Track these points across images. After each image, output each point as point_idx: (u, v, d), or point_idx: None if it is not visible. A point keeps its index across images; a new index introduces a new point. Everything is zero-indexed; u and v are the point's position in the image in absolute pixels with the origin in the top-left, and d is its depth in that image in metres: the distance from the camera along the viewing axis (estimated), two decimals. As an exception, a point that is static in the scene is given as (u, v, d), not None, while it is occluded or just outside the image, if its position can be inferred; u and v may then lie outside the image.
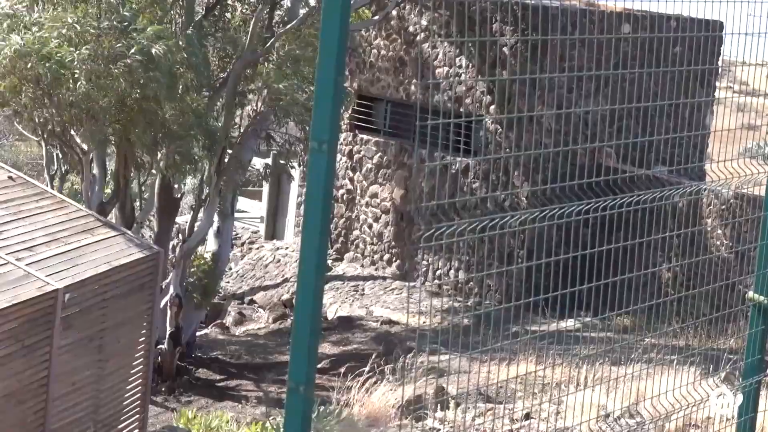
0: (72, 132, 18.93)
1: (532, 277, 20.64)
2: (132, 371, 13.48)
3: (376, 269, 25.26)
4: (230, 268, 26.33)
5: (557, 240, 18.21)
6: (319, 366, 14.03)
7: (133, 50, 16.79)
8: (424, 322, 18.53)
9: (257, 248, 27.91)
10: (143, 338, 13.66)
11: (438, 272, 23.99)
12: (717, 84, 25.37)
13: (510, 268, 21.14)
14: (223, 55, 20.67)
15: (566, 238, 18.50)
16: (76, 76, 16.92)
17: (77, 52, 16.76)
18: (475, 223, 4.84)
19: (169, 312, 19.67)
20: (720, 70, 24.67)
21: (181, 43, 17.95)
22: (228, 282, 26.04)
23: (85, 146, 19.06)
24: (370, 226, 25.42)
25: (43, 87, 17.15)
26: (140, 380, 13.62)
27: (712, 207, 20.48)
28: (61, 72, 16.86)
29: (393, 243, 24.90)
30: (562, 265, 6.07)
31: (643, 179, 17.32)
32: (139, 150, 18.72)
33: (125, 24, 17.24)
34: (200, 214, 20.60)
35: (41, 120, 18.17)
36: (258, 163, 27.72)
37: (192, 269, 20.68)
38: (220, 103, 20.09)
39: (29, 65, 16.80)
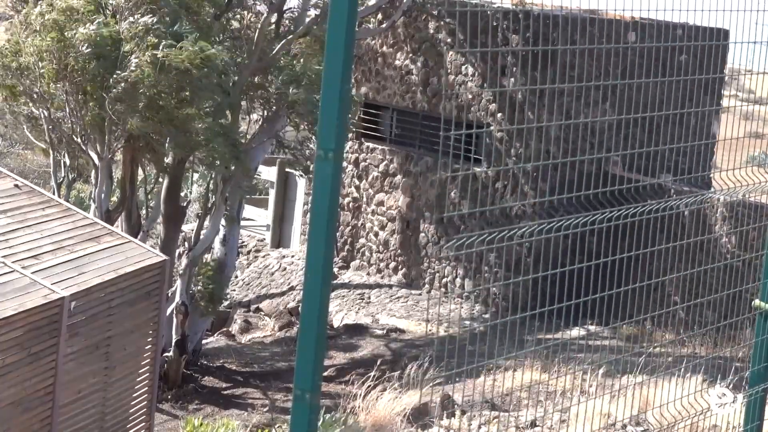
0: (79, 140, 18.98)
1: (538, 285, 20.63)
2: (138, 379, 13.48)
3: (382, 277, 25.24)
4: (236, 276, 26.32)
5: (564, 248, 18.20)
6: (324, 374, 14.01)
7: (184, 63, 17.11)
8: (430, 331, 18.50)
9: (263, 256, 27.90)
10: (149, 346, 13.66)
11: (444, 280, 23.97)
12: (723, 92, 25.35)
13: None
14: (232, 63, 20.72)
15: (573, 246, 18.50)
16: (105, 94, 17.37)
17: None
18: (495, 233, 4.85)
19: (175, 320, 19.67)
20: (726, 78, 24.64)
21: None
22: (234, 290, 26.04)
23: (96, 157, 19.19)
24: (376, 234, 25.41)
25: (81, 78, 17.55)
26: (146, 388, 13.62)
27: (718, 215, 20.45)
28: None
29: (399, 251, 24.89)
30: (569, 274, 6.06)
31: (648, 190, 17.30)
32: (172, 151, 19.04)
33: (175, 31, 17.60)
34: (206, 222, 20.60)
35: (61, 121, 18.42)
36: (264, 171, 27.72)
37: (198, 277, 20.68)
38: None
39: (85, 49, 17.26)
